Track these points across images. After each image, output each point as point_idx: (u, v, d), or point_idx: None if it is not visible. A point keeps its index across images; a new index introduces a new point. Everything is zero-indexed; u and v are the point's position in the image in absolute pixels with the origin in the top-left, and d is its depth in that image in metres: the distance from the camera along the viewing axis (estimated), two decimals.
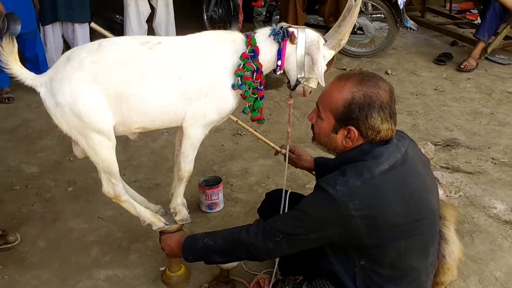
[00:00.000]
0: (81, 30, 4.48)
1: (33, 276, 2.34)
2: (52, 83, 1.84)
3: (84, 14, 4.43)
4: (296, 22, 4.61)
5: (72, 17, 4.37)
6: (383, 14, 5.06)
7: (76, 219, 2.74)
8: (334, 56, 2.03)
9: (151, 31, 4.94)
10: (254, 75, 1.93)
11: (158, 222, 2.14)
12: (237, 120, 2.38)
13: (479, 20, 5.51)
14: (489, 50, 5.05)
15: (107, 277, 2.34)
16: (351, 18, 1.90)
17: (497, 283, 2.30)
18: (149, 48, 1.88)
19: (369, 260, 1.66)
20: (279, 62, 1.95)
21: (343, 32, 1.94)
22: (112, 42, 1.91)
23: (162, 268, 2.35)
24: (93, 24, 2.37)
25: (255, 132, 2.51)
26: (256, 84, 1.95)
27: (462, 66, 4.91)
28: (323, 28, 5.00)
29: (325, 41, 1.98)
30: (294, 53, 1.94)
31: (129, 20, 4.78)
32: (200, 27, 5.59)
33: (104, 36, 2.17)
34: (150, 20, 4.98)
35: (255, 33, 1.99)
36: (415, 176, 1.67)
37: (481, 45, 4.96)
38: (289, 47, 1.94)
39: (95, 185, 2.95)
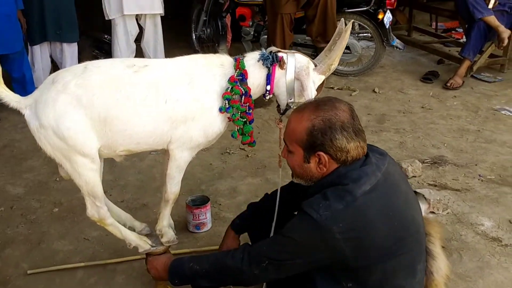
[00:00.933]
0: (70, 49, 4.49)
1: None
2: (37, 105, 1.83)
3: (73, 33, 4.45)
4: (283, 42, 4.65)
5: (60, 37, 4.38)
6: (370, 33, 5.12)
7: (61, 240, 2.70)
8: (324, 80, 2.05)
9: (139, 51, 4.95)
10: (243, 98, 1.93)
11: (144, 244, 2.12)
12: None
13: (464, 39, 5.58)
14: (474, 68, 5.12)
15: None
16: (341, 43, 1.92)
17: None
18: (135, 72, 1.88)
19: (356, 282, 1.65)
20: (268, 87, 1.97)
21: (333, 57, 1.96)
22: (97, 65, 1.91)
23: None
24: None
25: None
26: (245, 107, 1.95)
27: (448, 84, 4.96)
28: (310, 48, 5.05)
29: (315, 65, 1.99)
30: (283, 78, 1.95)
31: (117, 39, 4.79)
32: (189, 47, 5.64)
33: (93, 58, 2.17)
34: (138, 39, 5.00)
35: (244, 56, 1.99)
36: (398, 194, 1.67)
37: (466, 63, 5.02)
38: (278, 72, 1.95)
39: (81, 206, 2.90)
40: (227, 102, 1.92)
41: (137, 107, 1.85)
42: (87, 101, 1.81)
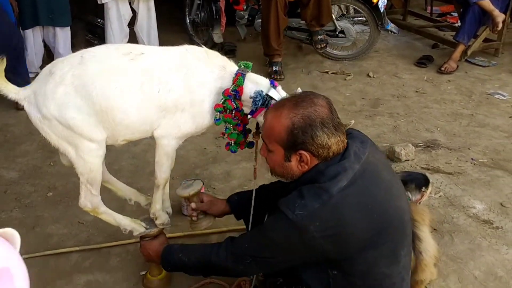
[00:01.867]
0: (62, 34, 4.45)
1: None
2: (36, 97, 1.83)
3: (65, 17, 4.40)
4: (277, 26, 4.63)
5: (53, 21, 4.33)
6: (364, 18, 5.10)
7: (55, 224, 2.72)
8: None
9: (132, 35, 4.92)
10: (234, 113, 1.93)
11: (139, 227, 2.14)
12: None
13: (459, 23, 5.58)
14: (469, 52, 5.13)
15: (87, 282, 2.32)
16: None
17: (476, 282, 2.32)
18: (131, 59, 1.87)
19: (340, 271, 1.66)
20: (249, 116, 1.96)
21: None
22: (93, 54, 1.89)
23: (143, 272, 2.33)
24: None
25: None
26: (236, 121, 1.95)
27: (443, 68, 4.96)
28: (305, 32, 5.03)
29: None
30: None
31: (110, 24, 4.75)
32: (183, 31, 5.59)
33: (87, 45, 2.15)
34: (131, 23, 4.95)
35: (245, 73, 1.92)
36: (378, 184, 1.64)
37: (461, 48, 5.02)
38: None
39: (75, 190, 2.89)
40: (219, 113, 1.92)
41: (133, 96, 1.85)
42: (86, 92, 1.81)
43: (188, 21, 5.59)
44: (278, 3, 4.55)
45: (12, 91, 1.86)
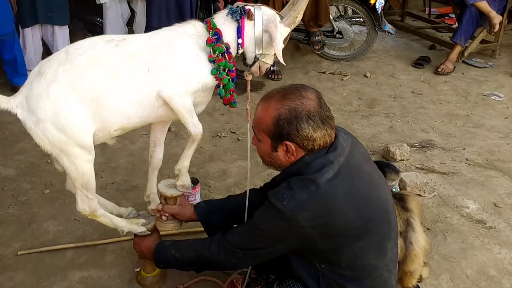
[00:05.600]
0: (61, 32, 4.47)
1: (7, 278, 2.33)
2: (29, 101, 1.81)
3: (64, 16, 4.42)
4: None
5: (51, 19, 4.35)
6: (362, 18, 5.12)
7: (51, 221, 2.73)
8: (289, 33, 2.09)
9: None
10: (226, 55, 1.95)
11: (137, 227, 2.15)
12: None
13: (456, 24, 5.59)
14: (466, 53, 5.16)
15: (82, 278, 2.34)
16: None
17: (468, 281, 2.34)
18: (116, 45, 1.89)
19: (328, 263, 1.70)
20: (240, 40, 1.99)
21: (298, 9, 1.99)
22: (78, 47, 1.90)
23: (138, 269, 2.35)
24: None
25: None
26: (231, 64, 1.97)
27: (440, 69, 4.98)
28: (303, 32, 5.05)
29: (281, 18, 2.02)
30: (252, 30, 1.98)
31: (108, 23, 4.78)
32: None
33: None
34: (130, 23, 4.97)
35: (213, 18, 2.01)
36: (361, 176, 1.69)
37: (458, 49, 5.05)
38: (247, 24, 1.98)
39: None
40: (213, 63, 1.94)
41: (123, 80, 1.86)
42: (78, 84, 1.81)
43: None
44: (275, 3, 4.57)
45: (3, 101, 1.83)
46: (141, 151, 3.50)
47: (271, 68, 4.85)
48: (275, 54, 2.04)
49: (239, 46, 2.00)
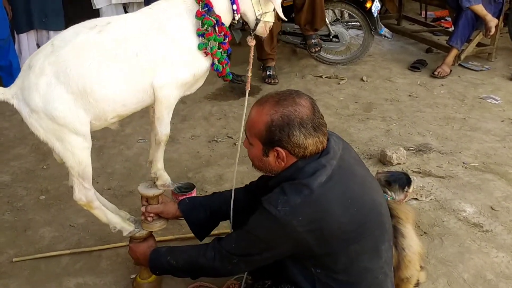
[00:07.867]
0: None
1: (2, 285, 2.32)
2: (22, 92, 1.85)
3: (59, 21, 4.43)
4: (271, 30, 4.63)
5: (46, 25, 4.36)
6: (358, 22, 5.13)
7: (47, 227, 2.72)
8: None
9: None
10: (216, 28, 1.92)
11: (128, 226, 2.15)
12: None
13: (453, 28, 5.61)
14: (462, 56, 5.16)
15: (78, 285, 2.33)
16: None
17: (465, 285, 2.33)
18: (99, 32, 1.86)
19: (323, 268, 1.70)
20: (235, 6, 1.96)
21: None
22: (62, 38, 1.88)
23: (133, 276, 2.33)
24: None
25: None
26: (221, 37, 1.94)
27: (436, 73, 4.99)
28: (299, 36, 5.06)
29: None
30: None
31: None
32: None
33: None
34: None
35: None
36: (354, 179, 1.69)
37: (454, 52, 5.06)
38: None
39: (67, 193, 2.94)
40: (202, 38, 1.91)
41: (109, 68, 1.84)
42: (64, 77, 1.81)
43: None
44: None
45: None
46: (137, 156, 3.49)
47: (267, 73, 4.85)
48: (274, 10, 2.02)
49: (235, 12, 1.96)
